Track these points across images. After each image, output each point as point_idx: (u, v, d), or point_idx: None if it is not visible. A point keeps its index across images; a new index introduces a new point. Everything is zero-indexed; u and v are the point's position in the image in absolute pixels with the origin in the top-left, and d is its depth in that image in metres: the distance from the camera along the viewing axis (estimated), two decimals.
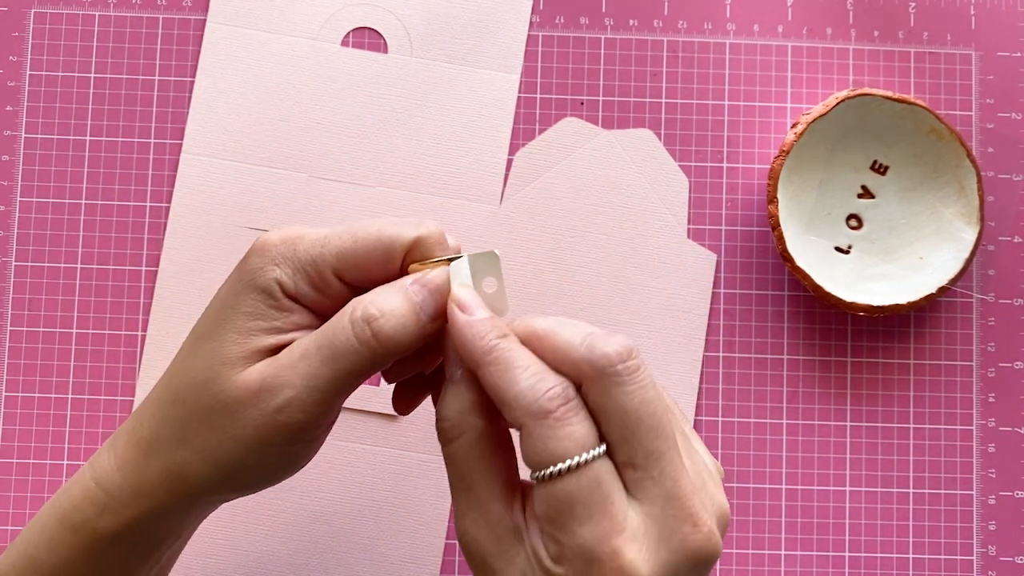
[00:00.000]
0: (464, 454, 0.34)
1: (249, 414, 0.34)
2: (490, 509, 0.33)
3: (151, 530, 0.37)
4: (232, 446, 0.35)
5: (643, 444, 0.32)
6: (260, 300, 0.35)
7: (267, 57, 0.53)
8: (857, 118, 0.51)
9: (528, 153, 0.53)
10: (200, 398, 0.35)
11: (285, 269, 0.35)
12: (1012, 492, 0.53)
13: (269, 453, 0.35)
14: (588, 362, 0.32)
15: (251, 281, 0.35)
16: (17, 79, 0.53)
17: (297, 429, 0.35)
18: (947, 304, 0.54)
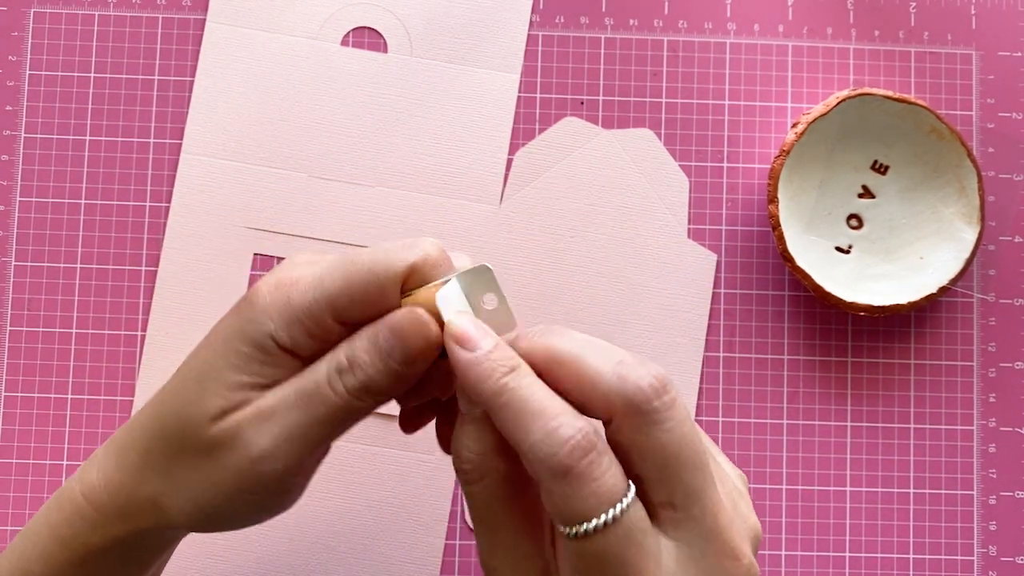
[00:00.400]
0: (488, 496, 0.31)
1: (229, 460, 0.33)
2: (518, 549, 0.31)
3: (140, 547, 0.37)
4: (212, 490, 0.34)
5: (683, 483, 0.29)
6: (252, 352, 0.33)
7: (267, 57, 0.53)
8: (858, 118, 0.51)
9: (528, 153, 0.53)
10: (185, 438, 0.34)
11: (279, 322, 0.32)
12: (1013, 492, 0.53)
13: (248, 500, 0.34)
14: (621, 397, 0.29)
15: (244, 332, 0.33)
16: (17, 79, 0.53)
17: (275, 478, 0.33)
18: (948, 304, 0.54)
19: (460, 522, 0.52)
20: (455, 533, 0.52)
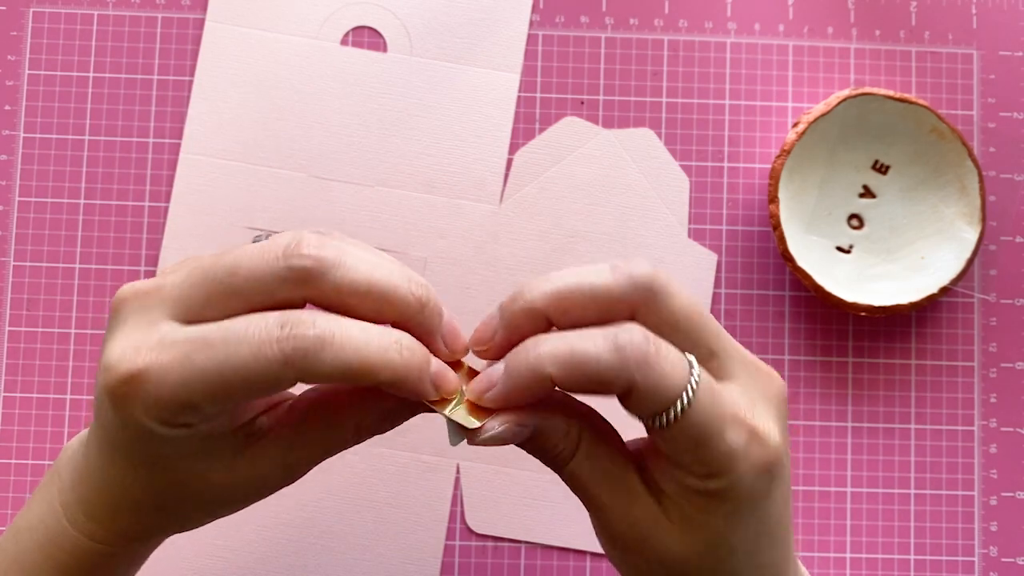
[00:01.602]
0: (588, 455, 0.34)
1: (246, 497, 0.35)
2: (630, 488, 0.34)
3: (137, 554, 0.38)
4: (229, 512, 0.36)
5: (710, 333, 0.33)
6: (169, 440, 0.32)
7: (266, 56, 0.53)
8: (858, 117, 0.51)
9: (528, 152, 0.53)
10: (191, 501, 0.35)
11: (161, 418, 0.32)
12: (1013, 493, 0.53)
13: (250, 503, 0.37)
14: (636, 288, 0.32)
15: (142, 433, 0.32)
16: (16, 78, 0.53)
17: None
18: (948, 304, 0.53)
19: (460, 522, 0.52)
20: (455, 533, 0.52)
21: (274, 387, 0.31)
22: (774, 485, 0.33)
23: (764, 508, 0.33)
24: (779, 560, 0.35)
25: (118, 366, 0.31)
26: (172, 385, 0.31)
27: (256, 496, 0.36)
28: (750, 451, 0.32)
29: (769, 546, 0.34)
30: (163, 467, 0.33)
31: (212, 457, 0.34)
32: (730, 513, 0.33)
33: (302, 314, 0.30)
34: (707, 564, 0.34)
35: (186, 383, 0.31)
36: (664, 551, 0.34)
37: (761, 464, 0.32)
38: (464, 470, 0.52)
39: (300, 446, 0.34)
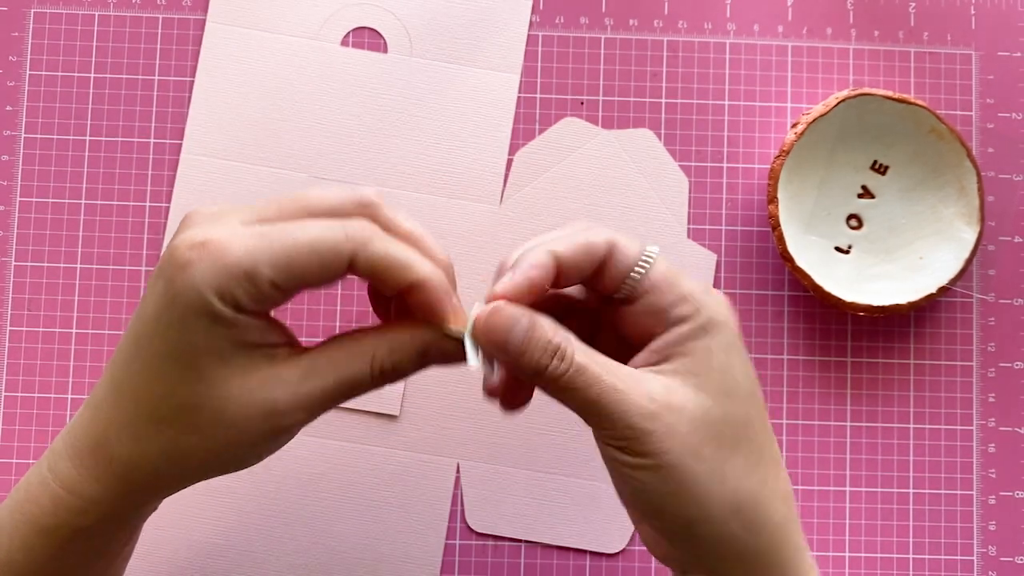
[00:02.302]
0: (587, 352, 0.37)
1: (259, 430, 0.36)
2: (631, 371, 0.37)
3: (135, 517, 0.39)
4: (234, 452, 0.37)
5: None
6: (210, 324, 0.35)
7: (267, 57, 0.53)
8: (857, 118, 0.51)
9: (528, 153, 0.53)
10: (197, 418, 0.36)
11: (220, 288, 0.34)
12: (1012, 492, 0.53)
13: (262, 453, 0.38)
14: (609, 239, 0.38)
15: (189, 307, 0.34)
16: (17, 79, 0.53)
17: (292, 436, 0.38)
18: (947, 304, 0.54)
19: (460, 521, 0.52)
20: (455, 532, 0.52)
21: (332, 264, 0.35)
22: (740, 333, 0.39)
23: (740, 346, 0.38)
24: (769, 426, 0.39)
25: (192, 237, 0.35)
26: (240, 250, 0.34)
27: (257, 433, 0.36)
28: (709, 290, 0.39)
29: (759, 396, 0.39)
30: (186, 364, 0.35)
31: (235, 363, 0.35)
32: (726, 345, 0.38)
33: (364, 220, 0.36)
34: (726, 405, 0.37)
35: (254, 250, 0.34)
36: (691, 408, 0.37)
37: (724, 302, 0.38)
38: (464, 469, 0.52)
39: (316, 374, 0.36)
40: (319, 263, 0.35)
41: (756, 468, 0.38)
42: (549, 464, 0.52)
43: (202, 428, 0.36)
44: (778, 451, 0.39)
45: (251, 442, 0.36)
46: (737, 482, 0.37)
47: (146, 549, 0.51)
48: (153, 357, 0.36)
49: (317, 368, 0.36)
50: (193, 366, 0.35)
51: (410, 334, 0.37)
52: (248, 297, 0.34)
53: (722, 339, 0.38)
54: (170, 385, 0.36)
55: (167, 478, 0.37)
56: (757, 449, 0.38)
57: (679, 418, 0.36)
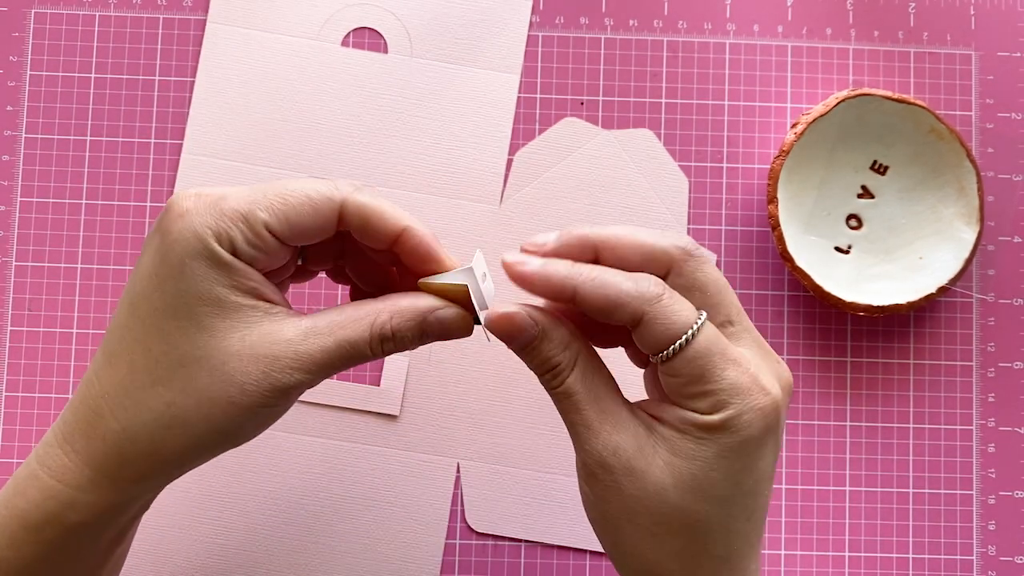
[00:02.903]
0: (583, 376, 0.37)
1: (260, 386, 0.36)
2: (620, 415, 0.37)
3: (124, 512, 0.38)
4: (235, 413, 0.36)
5: (733, 303, 0.38)
6: (207, 268, 0.36)
7: (267, 57, 0.53)
8: (857, 118, 0.51)
9: (528, 153, 0.53)
10: (197, 374, 0.36)
11: (217, 229, 0.36)
12: (1012, 492, 0.53)
13: (264, 415, 0.37)
14: (678, 248, 0.37)
15: (187, 251, 0.35)
16: (17, 79, 0.53)
17: (295, 397, 0.37)
18: (947, 304, 0.54)
19: (460, 522, 0.52)
20: (455, 533, 0.52)
21: (324, 210, 0.36)
22: (767, 438, 0.36)
23: (752, 457, 0.36)
24: (746, 528, 0.37)
25: (188, 190, 0.36)
26: (237, 197, 0.36)
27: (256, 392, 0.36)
28: (751, 392, 0.36)
29: (743, 503, 0.37)
30: (186, 315, 0.35)
31: (235, 315, 0.36)
32: (722, 449, 0.36)
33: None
34: (685, 499, 0.36)
35: (250, 197, 0.36)
36: (648, 479, 0.36)
37: (759, 407, 0.36)
38: (464, 469, 0.52)
39: (317, 334, 0.36)
40: (312, 209, 0.36)
41: (691, 558, 0.37)
42: (549, 464, 0.52)
43: (201, 387, 0.36)
44: (738, 559, 0.38)
45: (250, 404, 0.36)
46: (661, 559, 0.37)
47: (146, 549, 0.51)
48: (150, 314, 0.36)
49: (318, 328, 0.37)
50: (192, 316, 0.35)
51: (411, 300, 0.38)
52: (245, 241, 0.36)
53: (725, 444, 0.36)
54: (169, 341, 0.36)
55: (163, 454, 0.36)
56: (702, 543, 0.37)
57: (632, 484, 0.37)
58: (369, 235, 0.38)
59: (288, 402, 0.37)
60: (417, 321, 0.37)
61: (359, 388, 0.52)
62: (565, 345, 0.37)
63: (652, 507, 0.37)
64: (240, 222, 0.36)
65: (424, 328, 0.37)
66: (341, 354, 0.36)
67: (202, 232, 0.35)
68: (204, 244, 0.35)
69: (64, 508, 0.37)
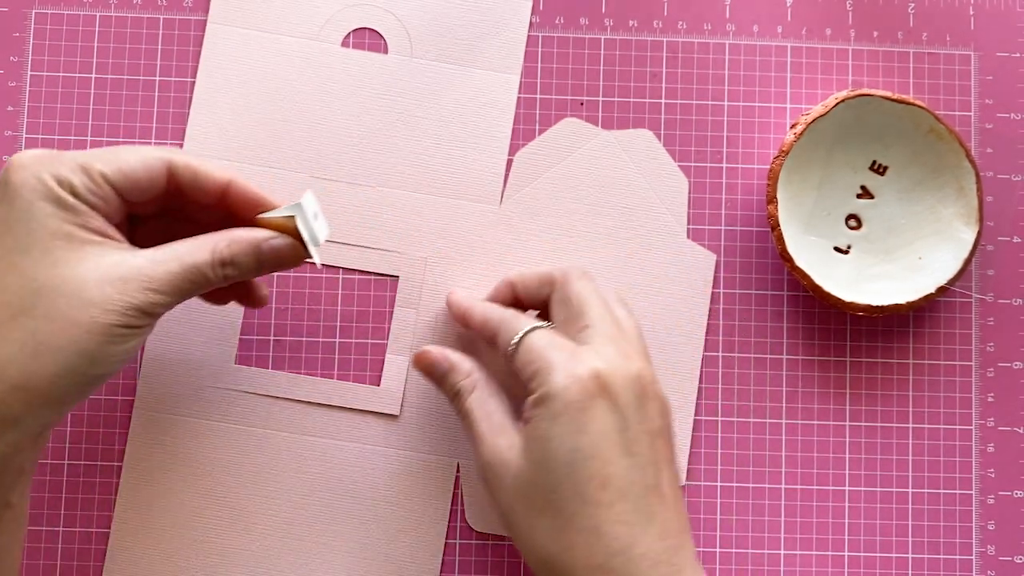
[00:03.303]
0: (479, 399, 0.46)
1: (118, 303, 0.39)
2: (505, 426, 0.44)
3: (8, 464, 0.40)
4: (100, 330, 0.39)
5: (592, 312, 0.45)
6: (54, 208, 0.39)
7: (267, 58, 0.53)
8: (856, 118, 0.52)
9: (528, 153, 0.53)
10: (57, 299, 0.38)
11: (58, 175, 0.40)
12: (1011, 492, 0.53)
13: (127, 334, 0.40)
14: (560, 272, 0.47)
15: (34, 194, 0.39)
16: (18, 79, 0.53)
17: (154, 314, 0.40)
18: (946, 304, 0.54)
19: (460, 522, 0.52)
20: (455, 533, 0.52)
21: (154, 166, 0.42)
22: (591, 402, 0.41)
23: (581, 420, 0.41)
24: (607, 499, 0.41)
25: (27, 150, 0.41)
26: (75, 153, 0.41)
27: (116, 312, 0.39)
28: (566, 365, 0.42)
29: (587, 467, 0.41)
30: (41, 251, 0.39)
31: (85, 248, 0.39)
32: (552, 416, 0.41)
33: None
34: (538, 473, 0.41)
35: (89, 153, 0.41)
36: (514, 467, 0.42)
37: (575, 373, 0.42)
38: (464, 469, 0.52)
39: (163, 259, 0.41)
40: (142, 162, 0.41)
41: (561, 534, 0.41)
42: None
43: (63, 310, 0.38)
44: (608, 526, 0.41)
45: (111, 322, 0.39)
46: (543, 542, 0.41)
47: (145, 549, 0.51)
48: (3, 255, 0.39)
49: (163, 255, 0.41)
50: (46, 250, 0.39)
51: (247, 231, 0.43)
52: (83, 187, 0.40)
53: (549, 409, 0.42)
54: (25, 275, 0.39)
55: (33, 384, 0.38)
56: (566, 517, 0.41)
57: (505, 474, 0.43)
58: (199, 187, 0.43)
59: (146, 323, 0.40)
60: (252, 247, 0.42)
61: (360, 388, 0.52)
62: (466, 375, 0.47)
63: (521, 492, 0.42)
64: (78, 171, 0.40)
65: (259, 256, 0.42)
66: (186, 276, 0.41)
67: (44, 177, 0.39)
68: (47, 187, 0.39)
69: None
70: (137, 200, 0.42)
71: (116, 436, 0.51)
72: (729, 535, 0.52)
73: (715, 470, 0.52)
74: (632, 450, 0.42)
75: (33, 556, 0.51)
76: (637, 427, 0.42)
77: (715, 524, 0.52)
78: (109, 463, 0.51)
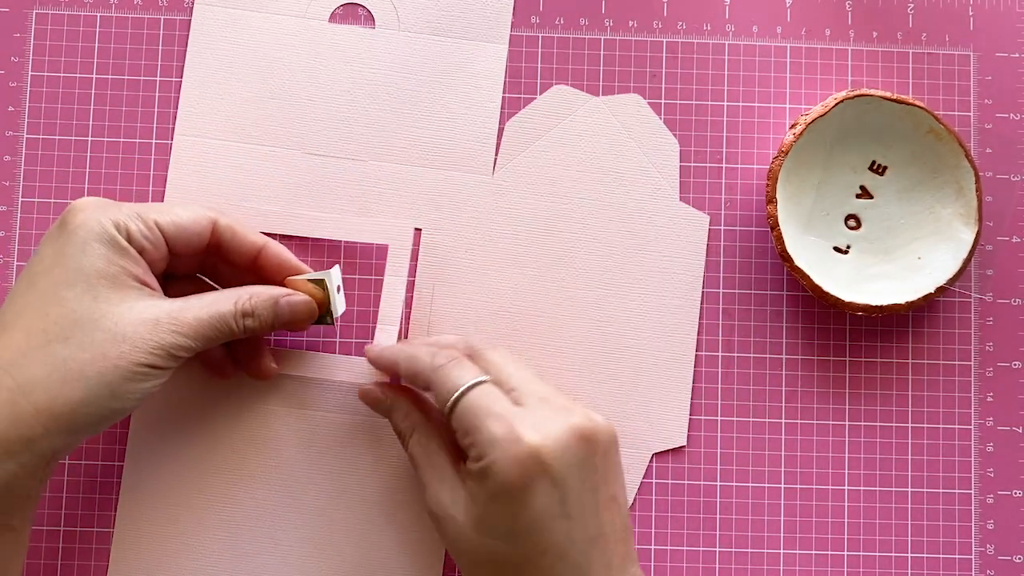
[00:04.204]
0: (420, 441, 0.46)
1: (147, 343, 0.42)
2: (445, 473, 0.45)
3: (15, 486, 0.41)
4: (126, 367, 0.41)
5: (513, 375, 0.45)
6: (107, 249, 0.43)
7: (256, 36, 0.53)
8: (856, 119, 0.52)
9: (519, 122, 0.53)
10: (93, 332, 0.41)
11: (116, 220, 0.44)
12: (1010, 491, 0.53)
13: (150, 374, 0.43)
14: (466, 346, 0.48)
15: (90, 235, 0.43)
16: (19, 80, 0.53)
17: (176, 359, 0.43)
18: (946, 304, 0.54)
19: None
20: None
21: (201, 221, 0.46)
22: (531, 482, 0.41)
23: (520, 500, 0.41)
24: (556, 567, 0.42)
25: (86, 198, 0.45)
26: (132, 204, 0.46)
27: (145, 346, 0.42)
28: (505, 442, 0.41)
29: (530, 540, 0.42)
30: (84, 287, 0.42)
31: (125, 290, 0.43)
32: (491, 494, 0.42)
33: None
34: (480, 537, 0.42)
35: (144, 204, 0.46)
36: (458, 523, 0.43)
37: (512, 454, 0.41)
38: None
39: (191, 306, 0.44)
40: (192, 215, 0.46)
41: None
42: None
43: (96, 343, 0.41)
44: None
45: (138, 360, 0.42)
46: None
47: (146, 549, 0.51)
48: (49, 285, 0.42)
49: (191, 303, 0.44)
50: (90, 287, 0.42)
51: (268, 288, 0.47)
52: (138, 231, 0.44)
53: (488, 488, 0.42)
54: (66, 306, 0.42)
55: (55, 410, 0.40)
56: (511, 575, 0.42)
57: (451, 528, 0.43)
58: (236, 246, 0.47)
59: (168, 366, 0.43)
60: (272, 301, 0.46)
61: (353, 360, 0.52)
62: (405, 415, 0.47)
63: (464, 547, 0.43)
64: (135, 217, 0.44)
65: (276, 310, 0.46)
66: (211, 323, 0.44)
67: (103, 220, 0.43)
68: (104, 229, 0.43)
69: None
70: (182, 251, 0.46)
71: (116, 435, 0.51)
72: (729, 535, 0.52)
73: (715, 469, 0.52)
74: (572, 514, 0.42)
75: (34, 555, 0.51)
76: (578, 491, 0.42)
77: (715, 524, 0.52)
78: (110, 463, 0.51)
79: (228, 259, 0.48)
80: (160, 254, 0.45)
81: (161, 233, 0.45)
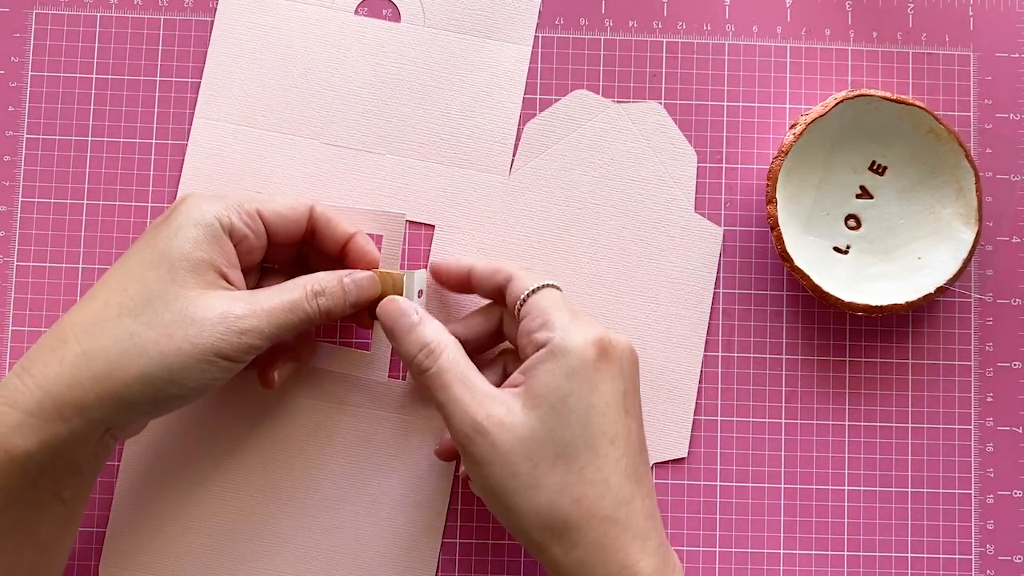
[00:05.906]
0: (452, 359, 0.44)
1: (216, 328, 0.42)
2: (487, 389, 0.44)
3: (65, 453, 0.41)
4: (189, 351, 0.42)
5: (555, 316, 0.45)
6: (201, 235, 0.44)
7: (281, 24, 0.53)
8: (856, 119, 0.52)
9: (538, 124, 0.54)
10: (163, 312, 0.42)
11: (219, 211, 0.45)
12: (1010, 491, 0.53)
13: (214, 363, 0.42)
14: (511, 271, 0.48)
15: (190, 218, 0.44)
16: (19, 80, 0.53)
17: (245, 349, 0.43)
18: (946, 304, 0.54)
19: (460, 522, 0.52)
20: (455, 532, 0.52)
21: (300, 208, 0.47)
22: (604, 367, 0.43)
23: (594, 381, 0.43)
24: (615, 455, 0.43)
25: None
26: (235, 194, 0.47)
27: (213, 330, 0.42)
28: (582, 327, 0.44)
29: (600, 423, 0.43)
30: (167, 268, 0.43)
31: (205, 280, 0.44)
32: (567, 372, 0.43)
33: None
34: (551, 427, 0.42)
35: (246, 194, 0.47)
36: (517, 426, 0.42)
37: (590, 336, 0.43)
38: None
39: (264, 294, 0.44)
40: (291, 206, 0.47)
41: (572, 487, 0.42)
42: None
43: (165, 322, 0.42)
44: (615, 478, 0.43)
45: (204, 346, 0.42)
46: (550, 498, 0.42)
47: (147, 542, 0.51)
48: (136, 264, 0.43)
49: (263, 293, 0.45)
50: (172, 269, 0.43)
51: (334, 271, 0.47)
52: (240, 220, 0.45)
53: (564, 364, 0.43)
54: (145, 283, 0.43)
55: (114, 380, 0.41)
56: (577, 470, 0.42)
57: (505, 435, 0.42)
58: (329, 232, 0.48)
59: (237, 356, 0.43)
60: (338, 279, 0.46)
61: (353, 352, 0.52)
62: (437, 332, 0.45)
63: (527, 450, 0.42)
64: (237, 207, 0.45)
65: (344, 285, 0.46)
66: (284, 307, 0.44)
67: (206, 209, 0.44)
68: (203, 217, 0.44)
69: (10, 432, 0.40)
70: (282, 239, 0.47)
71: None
72: (729, 535, 0.52)
73: (715, 470, 0.52)
74: (631, 412, 0.44)
75: None
76: (633, 393, 0.45)
77: (715, 524, 0.52)
78: (110, 462, 0.51)
79: (321, 247, 0.49)
80: (260, 242, 0.46)
81: (262, 220, 0.46)
